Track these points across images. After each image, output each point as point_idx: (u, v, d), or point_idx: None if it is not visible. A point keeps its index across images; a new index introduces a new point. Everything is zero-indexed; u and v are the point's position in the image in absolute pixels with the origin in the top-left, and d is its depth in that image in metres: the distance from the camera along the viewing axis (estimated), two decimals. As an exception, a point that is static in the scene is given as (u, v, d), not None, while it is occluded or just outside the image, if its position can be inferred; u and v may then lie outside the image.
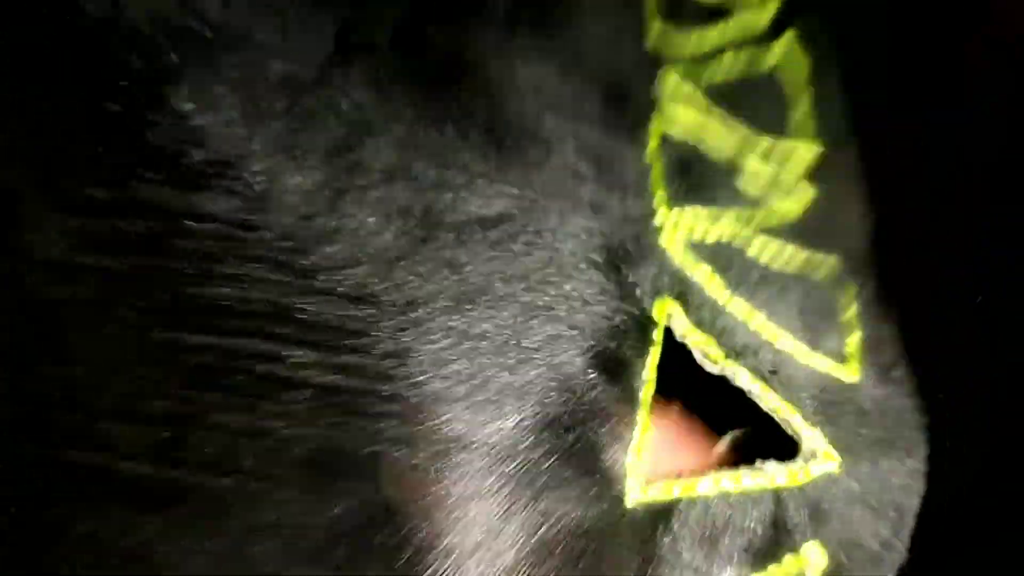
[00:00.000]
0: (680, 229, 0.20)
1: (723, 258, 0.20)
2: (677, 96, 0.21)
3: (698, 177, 0.21)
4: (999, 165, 0.23)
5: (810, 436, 0.19)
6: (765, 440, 0.20)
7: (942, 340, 0.21)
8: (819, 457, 0.19)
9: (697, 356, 0.19)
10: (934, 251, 0.22)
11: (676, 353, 0.20)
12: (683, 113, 0.21)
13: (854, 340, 0.20)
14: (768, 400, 0.19)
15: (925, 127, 0.23)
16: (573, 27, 0.20)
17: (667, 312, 0.19)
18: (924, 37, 0.23)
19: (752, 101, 0.22)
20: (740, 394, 0.20)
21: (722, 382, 0.20)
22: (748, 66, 0.22)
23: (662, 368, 0.19)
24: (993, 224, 0.22)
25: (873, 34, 0.23)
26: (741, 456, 0.20)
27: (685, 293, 0.19)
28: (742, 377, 0.19)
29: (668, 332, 0.20)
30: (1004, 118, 0.23)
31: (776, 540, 0.18)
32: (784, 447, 0.20)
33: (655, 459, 0.18)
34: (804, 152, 0.22)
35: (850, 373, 0.20)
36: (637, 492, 0.18)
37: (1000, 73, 0.23)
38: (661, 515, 0.18)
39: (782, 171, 0.21)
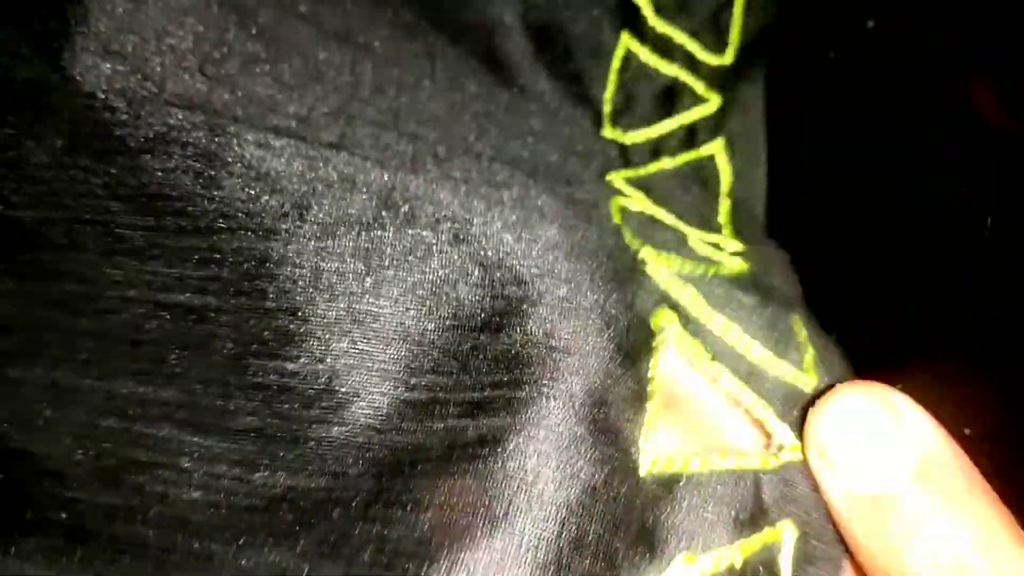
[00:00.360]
0: (660, 264, 0.23)
1: (703, 283, 0.23)
2: (624, 189, 0.25)
3: (659, 240, 0.24)
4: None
5: (780, 430, 0.21)
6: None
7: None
8: (787, 448, 0.21)
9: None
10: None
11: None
12: (632, 200, 0.24)
13: (809, 356, 0.22)
14: (746, 397, 0.21)
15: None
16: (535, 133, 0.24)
17: (661, 322, 0.22)
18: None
19: (683, 201, 0.25)
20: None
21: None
22: (681, 168, 0.25)
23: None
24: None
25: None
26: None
27: (675, 308, 0.22)
28: (725, 377, 0.21)
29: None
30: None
31: (756, 513, 0.21)
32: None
33: (665, 438, 0.21)
34: (730, 245, 0.25)
35: (809, 382, 0.22)
36: (648, 464, 0.20)
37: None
38: (667, 485, 0.20)
39: (716, 252, 0.24)
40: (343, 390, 0.20)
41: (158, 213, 0.20)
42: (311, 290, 0.20)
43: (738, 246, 0.25)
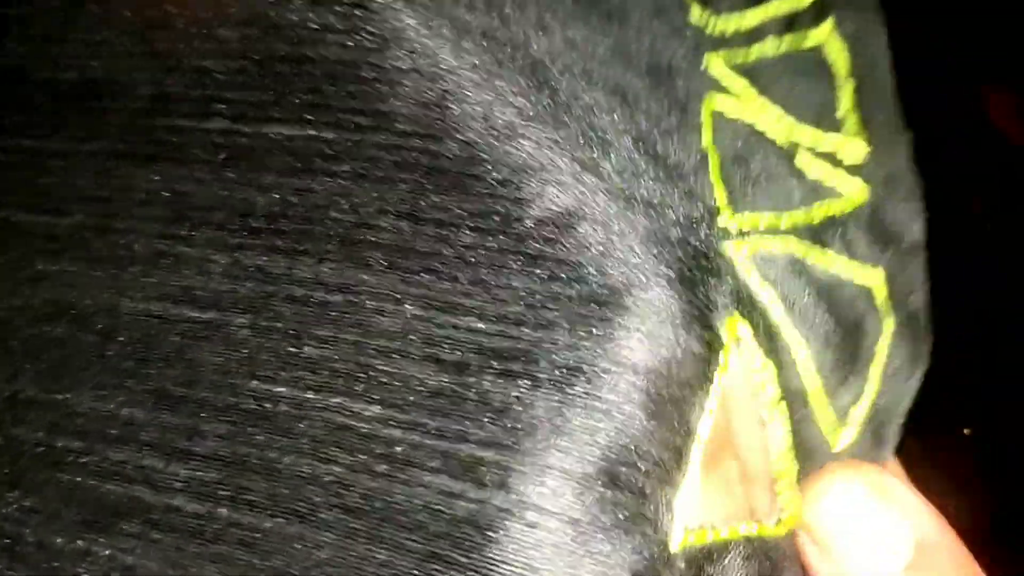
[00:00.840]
0: (746, 237, 0.18)
1: (785, 282, 0.19)
2: (724, 78, 0.20)
3: (758, 164, 0.19)
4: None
5: (782, 498, 0.19)
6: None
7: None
8: (784, 518, 0.19)
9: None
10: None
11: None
12: (732, 95, 0.20)
13: (864, 401, 0.20)
14: (780, 458, 0.18)
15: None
16: (618, 14, 0.19)
17: (737, 333, 0.17)
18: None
19: (796, 92, 0.21)
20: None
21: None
22: (789, 52, 0.21)
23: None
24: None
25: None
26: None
27: (750, 314, 0.18)
28: (777, 430, 0.18)
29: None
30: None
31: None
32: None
33: (701, 496, 0.18)
34: (852, 149, 0.21)
35: (835, 440, 0.20)
36: (679, 539, 0.17)
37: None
38: (700, 558, 0.17)
39: (830, 174, 0.20)
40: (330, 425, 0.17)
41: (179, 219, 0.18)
42: (326, 320, 0.17)
43: (860, 151, 0.20)
